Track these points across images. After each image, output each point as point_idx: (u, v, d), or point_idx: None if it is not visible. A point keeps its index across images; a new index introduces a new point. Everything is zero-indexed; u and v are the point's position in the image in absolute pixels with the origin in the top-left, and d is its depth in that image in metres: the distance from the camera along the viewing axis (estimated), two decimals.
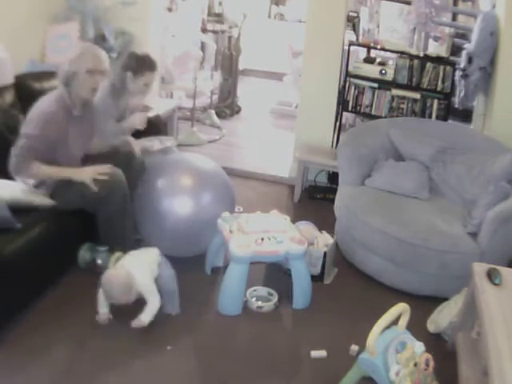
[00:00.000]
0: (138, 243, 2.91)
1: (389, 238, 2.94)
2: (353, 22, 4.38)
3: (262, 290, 2.83)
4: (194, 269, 3.00)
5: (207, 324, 2.61)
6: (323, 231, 3.19)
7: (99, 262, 2.81)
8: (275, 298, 2.80)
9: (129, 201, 2.83)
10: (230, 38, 6.68)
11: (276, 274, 3.00)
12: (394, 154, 3.60)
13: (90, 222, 2.81)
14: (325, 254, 2.99)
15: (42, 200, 2.67)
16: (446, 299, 2.74)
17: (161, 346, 2.41)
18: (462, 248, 2.84)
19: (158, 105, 4.21)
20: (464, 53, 3.83)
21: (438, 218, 3.06)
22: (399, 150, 3.61)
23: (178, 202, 2.88)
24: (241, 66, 7.00)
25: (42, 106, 2.70)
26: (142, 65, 3.18)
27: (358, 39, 4.37)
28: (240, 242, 2.65)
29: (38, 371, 2.18)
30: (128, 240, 2.86)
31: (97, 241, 2.87)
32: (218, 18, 6.73)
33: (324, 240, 3.08)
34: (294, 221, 3.04)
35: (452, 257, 2.83)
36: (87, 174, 2.71)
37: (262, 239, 2.69)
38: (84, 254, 2.85)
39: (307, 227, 3.16)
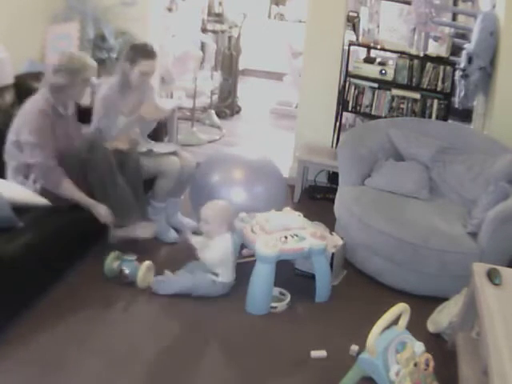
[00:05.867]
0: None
1: (389, 238, 2.94)
2: (353, 22, 4.37)
3: (274, 290, 2.78)
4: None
5: (209, 325, 2.61)
6: (333, 233, 3.19)
7: (126, 271, 2.73)
8: (287, 298, 2.79)
9: None
10: (230, 38, 6.67)
11: (286, 273, 2.96)
12: (394, 153, 3.59)
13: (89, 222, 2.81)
14: (333, 255, 2.98)
15: (36, 200, 2.67)
16: (446, 299, 2.74)
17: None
18: (462, 248, 2.85)
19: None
20: (464, 53, 3.83)
21: (437, 218, 3.06)
22: (399, 150, 3.61)
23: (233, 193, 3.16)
24: (241, 66, 6.99)
25: (30, 110, 2.75)
26: (135, 53, 3.14)
27: (358, 39, 4.36)
28: (266, 241, 2.65)
29: (38, 371, 2.18)
30: None
31: (100, 239, 2.88)
32: (218, 18, 6.72)
33: (333, 241, 3.06)
34: None
35: (452, 257, 2.84)
36: (104, 216, 2.82)
37: (286, 237, 2.70)
38: (110, 263, 2.76)
39: (318, 228, 3.14)
